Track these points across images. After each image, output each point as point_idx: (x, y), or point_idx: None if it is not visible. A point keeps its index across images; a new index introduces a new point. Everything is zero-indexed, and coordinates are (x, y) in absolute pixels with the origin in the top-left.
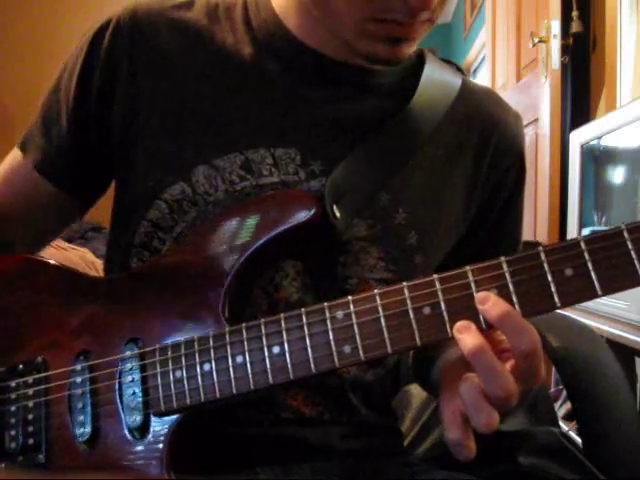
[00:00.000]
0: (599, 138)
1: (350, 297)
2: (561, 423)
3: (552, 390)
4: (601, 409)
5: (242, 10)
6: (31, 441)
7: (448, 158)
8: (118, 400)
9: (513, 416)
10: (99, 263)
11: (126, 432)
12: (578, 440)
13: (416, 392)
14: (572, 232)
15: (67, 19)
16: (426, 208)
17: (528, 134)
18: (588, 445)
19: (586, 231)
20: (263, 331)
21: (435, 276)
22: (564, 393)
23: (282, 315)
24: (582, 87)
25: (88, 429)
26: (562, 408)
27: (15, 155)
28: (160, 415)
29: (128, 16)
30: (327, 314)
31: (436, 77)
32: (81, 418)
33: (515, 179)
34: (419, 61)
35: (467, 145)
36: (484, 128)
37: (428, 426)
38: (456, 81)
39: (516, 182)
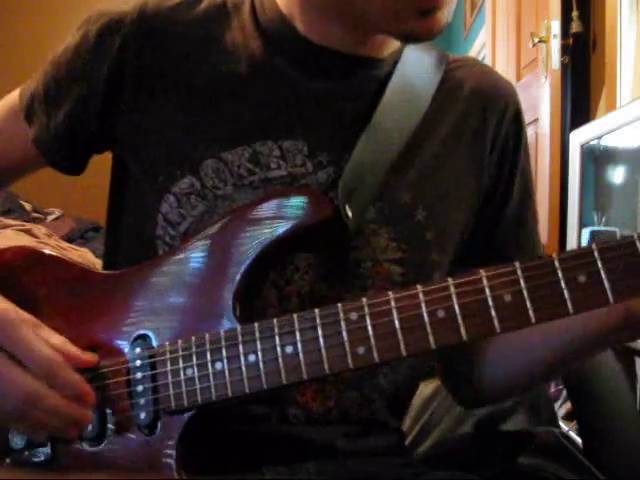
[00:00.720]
0: (599, 138)
1: (364, 299)
2: (561, 423)
3: (552, 390)
4: (601, 409)
5: (250, 7)
6: None
7: (449, 136)
8: (127, 397)
9: (513, 416)
10: (99, 263)
11: (135, 429)
12: (578, 440)
13: (416, 391)
14: (572, 232)
15: (67, 19)
16: (432, 185)
17: (528, 134)
18: (588, 445)
19: (586, 231)
20: (276, 330)
21: (450, 280)
22: (564, 393)
23: (295, 315)
24: (582, 87)
25: (95, 425)
26: (562, 408)
27: (18, 113)
28: (170, 413)
29: (137, 12)
30: (341, 315)
31: (416, 59)
32: None
33: (515, 144)
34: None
35: (467, 121)
36: (480, 101)
37: (428, 426)
38: (440, 59)
39: (516, 146)
